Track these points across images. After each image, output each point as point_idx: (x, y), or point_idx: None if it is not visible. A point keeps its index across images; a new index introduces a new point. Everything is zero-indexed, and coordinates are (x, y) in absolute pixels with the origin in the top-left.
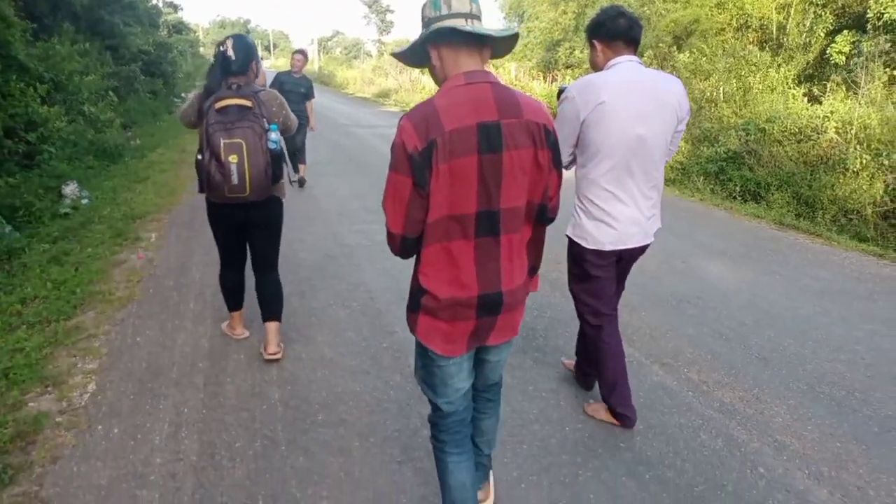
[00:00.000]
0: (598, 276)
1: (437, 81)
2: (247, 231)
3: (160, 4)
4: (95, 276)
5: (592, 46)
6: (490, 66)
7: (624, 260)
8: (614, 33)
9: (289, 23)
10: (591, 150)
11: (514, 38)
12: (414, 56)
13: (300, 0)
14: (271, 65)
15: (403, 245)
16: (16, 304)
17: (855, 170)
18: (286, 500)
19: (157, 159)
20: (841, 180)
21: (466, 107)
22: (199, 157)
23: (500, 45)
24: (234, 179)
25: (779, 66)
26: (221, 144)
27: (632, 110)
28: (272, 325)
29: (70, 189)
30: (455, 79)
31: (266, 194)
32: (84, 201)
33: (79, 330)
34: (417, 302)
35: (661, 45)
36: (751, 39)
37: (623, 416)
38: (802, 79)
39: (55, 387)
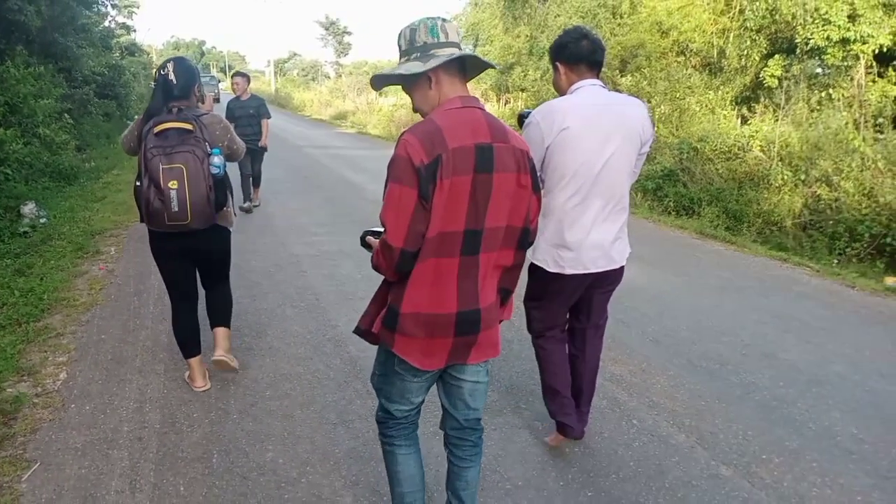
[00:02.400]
0: (554, 299)
1: (426, 104)
2: (193, 260)
3: (113, 26)
4: (60, 284)
5: (556, 69)
6: None
7: (589, 287)
8: (577, 56)
9: (245, 44)
10: (556, 175)
11: (488, 67)
12: (400, 79)
13: (256, 22)
14: (226, 87)
15: (401, 259)
16: None
17: (777, 185)
18: (237, 454)
19: (112, 180)
20: (765, 195)
21: (465, 128)
22: (138, 184)
23: (469, 74)
24: (175, 206)
25: (717, 88)
26: (161, 170)
27: (595, 135)
28: (220, 331)
29: (28, 209)
30: (451, 102)
31: (209, 222)
32: (42, 220)
33: (48, 330)
34: (394, 319)
35: (606, 69)
36: (693, 63)
37: (563, 425)
38: (740, 100)
39: (30, 376)
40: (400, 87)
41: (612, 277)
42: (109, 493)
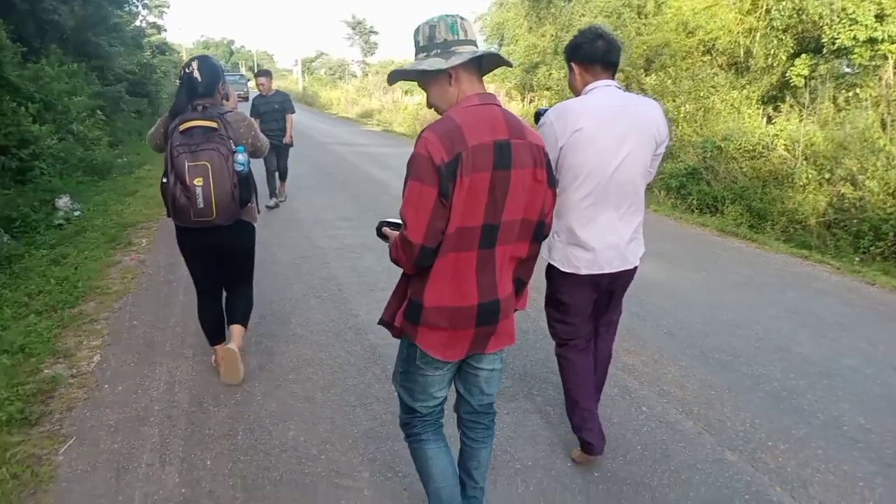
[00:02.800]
0: (572, 300)
1: (444, 102)
2: (218, 255)
3: (144, 25)
4: (93, 273)
5: (571, 69)
6: None
7: (605, 286)
8: (592, 57)
9: (273, 43)
10: (569, 175)
11: (506, 63)
12: (408, 75)
13: (284, 21)
14: (254, 85)
15: (421, 255)
16: (23, 297)
17: (801, 184)
18: (261, 432)
19: (144, 175)
20: (789, 194)
21: (484, 125)
22: (164, 180)
23: (484, 70)
24: (200, 203)
25: (743, 87)
26: (186, 167)
27: (609, 136)
28: (236, 328)
29: (63, 202)
30: (469, 99)
31: (234, 218)
32: (76, 213)
33: (82, 315)
34: (417, 313)
35: (631, 68)
36: (719, 62)
37: (585, 442)
38: (766, 100)
39: (66, 358)
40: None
41: (626, 277)
42: (141, 466)
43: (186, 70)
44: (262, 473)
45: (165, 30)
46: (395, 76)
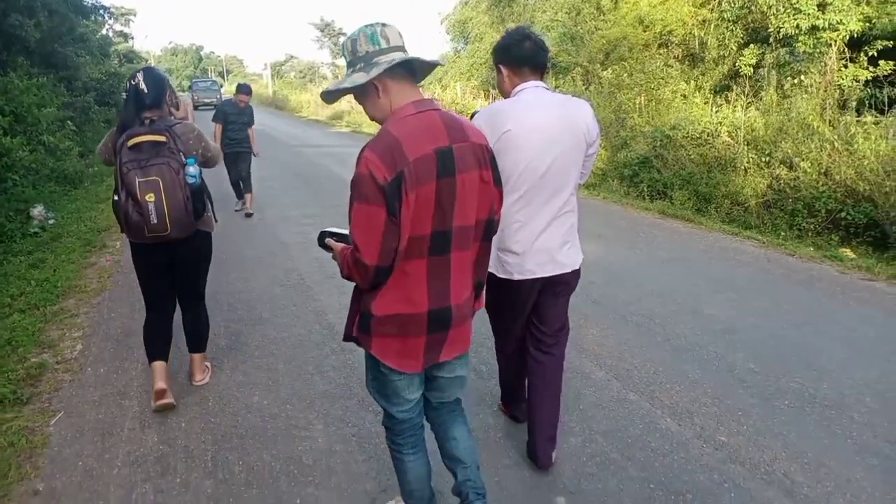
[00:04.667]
0: (506, 308)
1: (379, 114)
2: (173, 268)
3: (110, 34)
4: (71, 274)
5: (499, 71)
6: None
7: (541, 292)
8: (520, 58)
9: (242, 48)
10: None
11: (435, 66)
12: (340, 93)
13: (253, 25)
14: (226, 90)
15: (377, 275)
16: (5, 299)
17: (743, 168)
18: (229, 398)
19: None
20: (732, 178)
21: (423, 135)
22: (115, 197)
23: (421, 74)
24: (154, 219)
25: (696, 78)
26: (137, 183)
27: (538, 138)
28: (196, 356)
29: (37, 211)
30: (405, 109)
31: (189, 230)
32: (51, 221)
33: (63, 311)
34: (368, 323)
35: (588, 63)
36: (674, 54)
37: (514, 416)
38: (719, 89)
39: (50, 348)
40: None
41: (563, 282)
42: (123, 431)
43: (132, 82)
44: (230, 430)
45: (132, 38)
46: (328, 96)
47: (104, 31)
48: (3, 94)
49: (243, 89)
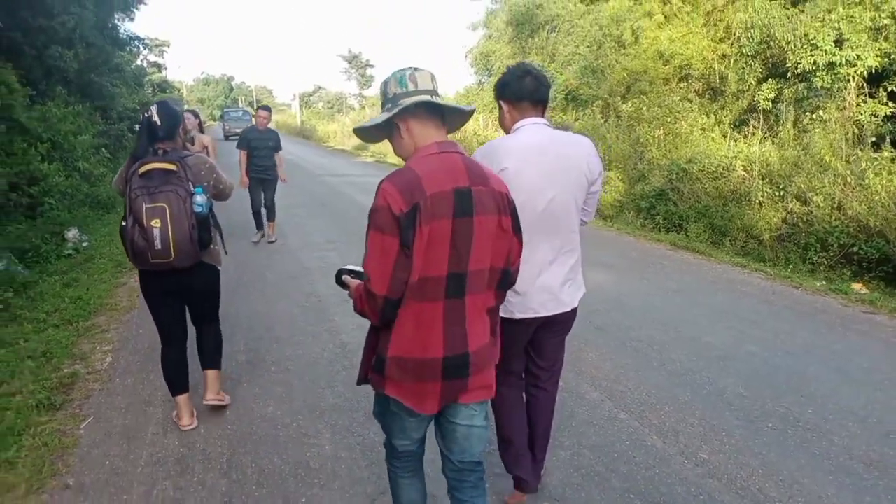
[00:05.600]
0: (507, 343)
1: (404, 152)
2: (181, 299)
3: (145, 65)
4: (103, 293)
5: (500, 107)
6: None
7: (540, 329)
8: (520, 94)
9: (272, 78)
10: None
11: (471, 113)
12: (377, 131)
13: (283, 57)
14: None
15: (385, 307)
16: (41, 315)
17: (759, 201)
18: (245, 409)
19: None
20: (747, 211)
21: (443, 173)
22: (124, 223)
23: (456, 120)
24: (158, 244)
25: (716, 112)
26: (144, 209)
27: (536, 175)
28: (211, 373)
29: (72, 234)
30: (428, 148)
31: (193, 259)
32: (84, 244)
33: (95, 327)
34: (382, 364)
35: (608, 95)
36: (694, 88)
37: (519, 479)
38: (737, 123)
39: (82, 360)
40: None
41: (562, 320)
42: (147, 435)
43: (146, 115)
44: (245, 436)
45: (166, 68)
46: (359, 133)
47: (139, 62)
48: (42, 121)
49: (263, 108)
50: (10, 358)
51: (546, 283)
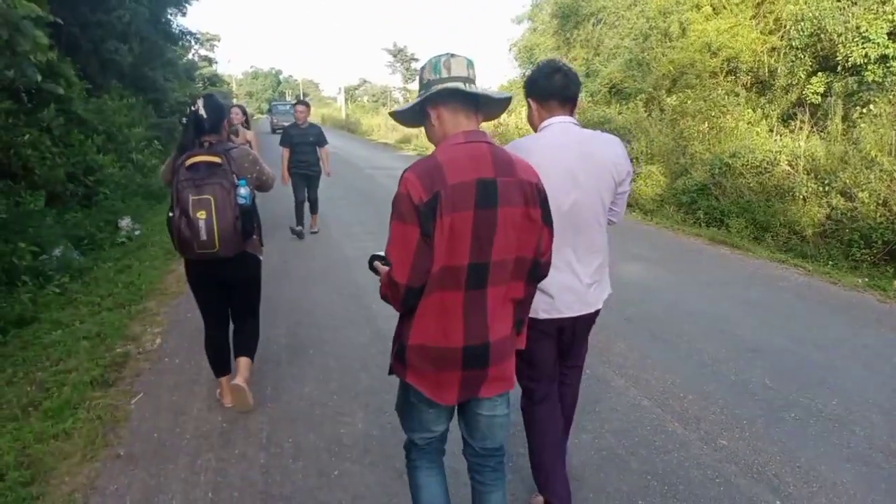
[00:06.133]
0: (534, 346)
1: (434, 140)
2: (224, 287)
3: (196, 59)
4: (154, 279)
5: (529, 105)
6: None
7: (567, 330)
8: (548, 92)
9: (318, 72)
10: None
11: (507, 101)
12: (413, 116)
13: (329, 50)
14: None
15: (406, 295)
16: (96, 299)
17: (802, 197)
18: (284, 388)
19: None
20: (791, 206)
21: (467, 163)
22: (170, 214)
23: (492, 108)
24: (203, 235)
25: (763, 106)
26: (190, 200)
27: (561, 174)
28: (243, 360)
29: (125, 223)
30: (455, 137)
31: (237, 249)
32: (137, 232)
33: (146, 310)
34: (403, 352)
35: (653, 89)
36: (743, 82)
37: (549, 502)
38: (786, 117)
39: (133, 341)
40: None
41: (588, 321)
42: (193, 410)
43: (193, 108)
44: (283, 414)
45: (216, 62)
46: (395, 116)
47: (190, 56)
48: (98, 114)
49: (301, 102)
50: (67, 338)
51: (570, 284)
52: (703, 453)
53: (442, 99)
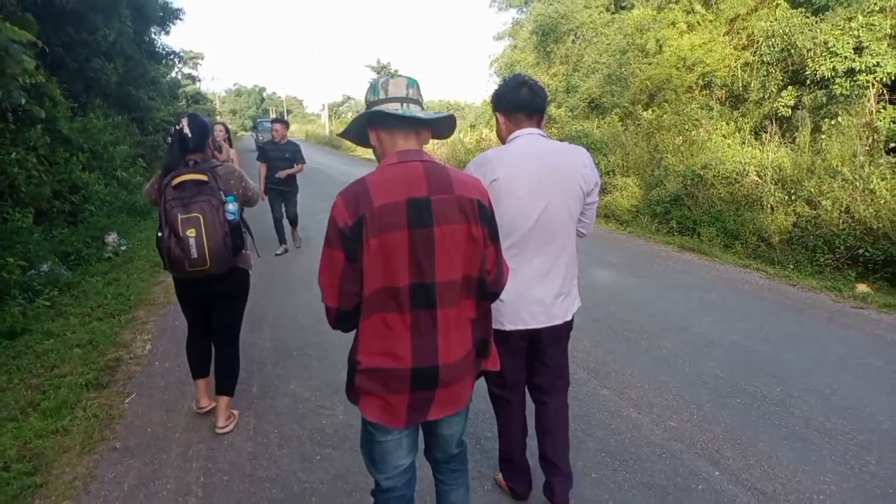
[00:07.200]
0: (501, 355)
1: (378, 160)
2: (211, 303)
3: (179, 77)
4: (142, 290)
5: (496, 119)
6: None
7: (534, 341)
8: (515, 105)
9: (302, 89)
10: None
11: (451, 120)
12: (360, 137)
13: (312, 68)
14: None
15: (338, 317)
16: (86, 310)
17: (770, 205)
18: (269, 386)
19: None
20: (759, 215)
21: (397, 184)
22: (159, 234)
23: (441, 127)
24: (194, 253)
25: (737, 119)
26: (179, 219)
27: (527, 186)
28: (223, 400)
29: (111, 238)
30: (388, 158)
31: (227, 266)
32: (123, 247)
33: (135, 319)
34: (353, 375)
35: (629, 104)
36: (717, 96)
37: (512, 489)
38: (757, 130)
39: (125, 347)
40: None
41: (556, 332)
42: (184, 408)
43: (177, 127)
44: (268, 409)
45: (200, 80)
46: (344, 137)
47: (173, 74)
48: (83, 132)
49: (278, 120)
50: (60, 346)
51: (538, 296)
52: (653, 433)
53: (378, 121)
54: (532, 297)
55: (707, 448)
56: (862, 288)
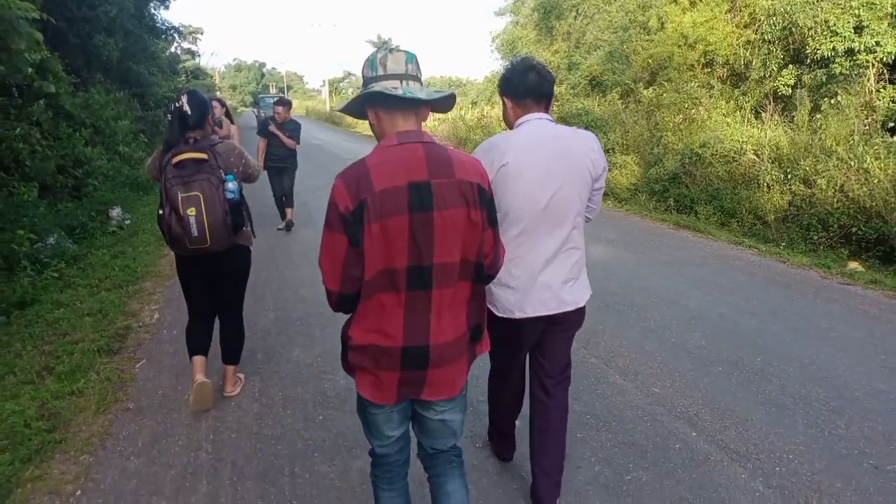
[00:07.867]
0: (507, 344)
1: (377, 137)
2: (213, 280)
3: (179, 52)
4: (148, 262)
5: (504, 103)
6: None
7: (544, 329)
8: (523, 90)
9: (302, 65)
10: (499, 213)
11: (450, 98)
12: (360, 113)
13: (312, 43)
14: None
15: (340, 301)
16: (94, 281)
17: (767, 184)
18: (273, 353)
19: None
20: (755, 194)
21: (398, 166)
22: (161, 212)
23: (440, 104)
24: (194, 231)
25: (737, 98)
26: (179, 198)
27: (537, 171)
28: (230, 368)
29: (115, 212)
30: (388, 139)
31: (228, 243)
32: (127, 221)
33: (142, 290)
34: (346, 349)
35: (631, 82)
36: (718, 74)
37: (499, 455)
38: (758, 109)
39: (133, 316)
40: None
41: (566, 320)
42: (192, 372)
43: (177, 105)
44: (273, 374)
45: (199, 55)
46: (344, 112)
47: (173, 49)
48: (85, 108)
49: (280, 102)
50: (70, 315)
51: (546, 282)
52: (636, 398)
53: (377, 101)
54: (541, 284)
55: (686, 412)
56: (854, 266)
